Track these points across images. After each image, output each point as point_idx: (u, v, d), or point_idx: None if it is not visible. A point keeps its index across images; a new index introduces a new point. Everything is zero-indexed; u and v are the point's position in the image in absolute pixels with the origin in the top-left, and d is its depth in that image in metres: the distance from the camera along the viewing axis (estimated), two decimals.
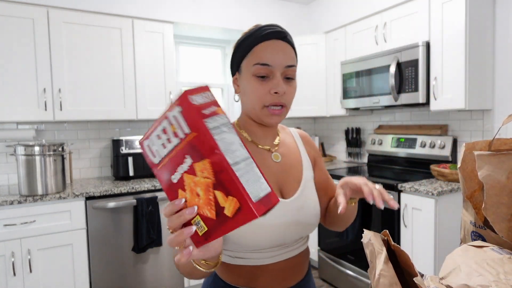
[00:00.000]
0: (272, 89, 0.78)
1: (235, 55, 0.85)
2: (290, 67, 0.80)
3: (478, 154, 0.70)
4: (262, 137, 0.88)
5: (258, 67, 0.78)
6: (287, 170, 0.87)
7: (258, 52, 0.79)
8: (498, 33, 2.18)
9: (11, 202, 1.97)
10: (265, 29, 0.81)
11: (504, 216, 0.67)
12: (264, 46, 0.79)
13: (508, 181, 0.66)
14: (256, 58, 0.79)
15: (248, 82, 0.80)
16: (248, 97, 0.81)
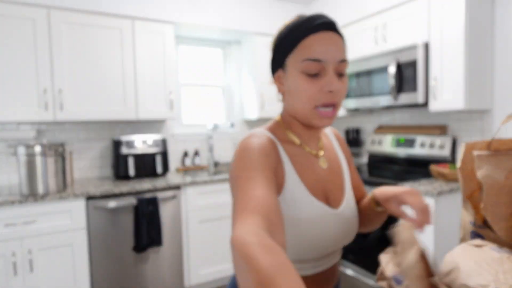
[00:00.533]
0: (325, 87, 0.70)
1: (277, 50, 0.75)
2: (343, 61, 0.71)
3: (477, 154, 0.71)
4: (308, 140, 0.80)
5: (309, 63, 0.69)
6: (332, 177, 0.81)
7: (308, 46, 0.70)
8: (498, 33, 2.19)
9: (12, 202, 1.98)
10: (313, 19, 0.71)
11: (503, 215, 0.68)
12: (315, 39, 0.70)
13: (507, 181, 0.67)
14: (306, 53, 0.70)
15: (296, 80, 0.71)
16: (296, 96, 0.72)
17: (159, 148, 2.73)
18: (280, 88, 0.77)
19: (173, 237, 2.48)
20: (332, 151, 0.87)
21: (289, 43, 0.72)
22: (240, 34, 3.20)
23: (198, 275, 2.59)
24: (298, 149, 0.78)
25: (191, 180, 2.55)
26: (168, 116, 2.77)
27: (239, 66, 3.45)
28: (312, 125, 0.74)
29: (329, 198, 0.78)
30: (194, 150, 3.20)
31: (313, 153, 0.80)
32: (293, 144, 0.78)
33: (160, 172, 2.71)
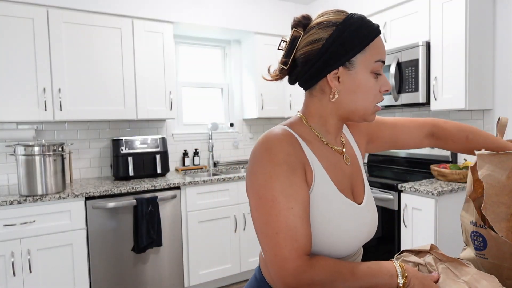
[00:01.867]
0: (383, 87, 0.74)
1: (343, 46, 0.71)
2: None
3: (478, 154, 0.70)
4: (335, 138, 0.80)
5: (379, 64, 0.73)
6: (355, 172, 0.82)
7: (379, 47, 0.73)
8: (498, 33, 2.18)
9: (11, 202, 1.97)
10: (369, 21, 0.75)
11: (504, 215, 0.67)
12: (380, 42, 0.74)
13: (508, 181, 0.66)
14: (378, 54, 0.73)
15: (367, 80, 0.72)
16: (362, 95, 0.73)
17: (159, 148, 2.73)
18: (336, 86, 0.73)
19: (173, 237, 2.48)
20: (350, 146, 0.87)
21: (361, 41, 0.71)
22: (240, 33, 3.19)
23: (198, 276, 2.58)
24: (324, 147, 0.78)
25: (191, 180, 2.55)
26: (168, 116, 2.76)
27: (239, 65, 3.45)
28: (366, 120, 0.78)
29: (354, 194, 0.79)
30: (194, 150, 3.20)
31: (338, 151, 0.80)
32: (319, 141, 0.78)
33: (159, 172, 2.71)
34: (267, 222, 0.65)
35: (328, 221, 0.70)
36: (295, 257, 0.62)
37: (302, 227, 0.64)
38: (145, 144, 2.69)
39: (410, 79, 2.29)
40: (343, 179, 0.77)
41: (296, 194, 0.66)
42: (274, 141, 0.69)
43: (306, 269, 0.62)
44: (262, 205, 0.66)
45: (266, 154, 0.68)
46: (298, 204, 0.65)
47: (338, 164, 0.78)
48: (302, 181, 0.68)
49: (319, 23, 0.74)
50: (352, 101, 0.74)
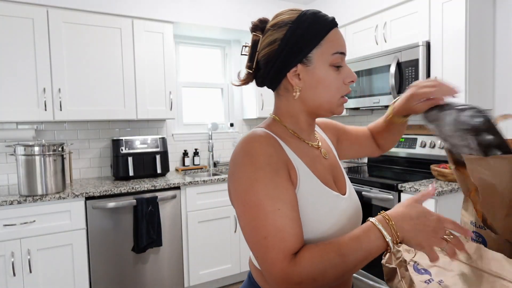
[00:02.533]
0: (347, 78, 0.74)
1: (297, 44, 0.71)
2: None
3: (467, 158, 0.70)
4: (309, 134, 0.81)
5: (338, 56, 0.72)
6: (335, 165, 0.84)
7: (335, 39, 0.73)
8: (498, 33, 2.18)
9: (11, 202, 1.97)
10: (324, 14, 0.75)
11: (499, 216, 0.68)
12: (337, 34, 0.74)
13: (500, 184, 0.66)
14: (335, 47, 0.72)
15: (326, 73, 0.72)
16: (324, 89, 0.73)
17: (159, 148, 2.73)
18: (297, 84, 0.74)
19: (173, 237, 2.48)
20: (324, 141, 0.89)
21: (314, 36, 0.72)
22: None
23: (198, 275, 2.58)
24: (302, 144, 0.78)
25: (191, 180, 2.55)
26: (168, 116, 2.76)
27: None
28: (333, 113, 0.78)
29: (338, 187, 0.81)
30: (194, 150, 3.20)
31: (315, 146, 0.81)
32: (296, 139, 0.78)
33: (159, 172, 2.71)
34: (255, 227, 0.64)
35: (319, 215, 0.70)
36: (282, 259, 0.61)
37: (291, 226, 0.64)
38: (145, 144, 2.69)
39: (410, 79, 2.29)
40: (324, 173, 0.78)
41: (282, 195, 0.65)
42: (253, 144, 0.69)
43: (293, 269, 0.60)
44: (248, 211, 0.65)
45: (247, 158, 0.67)
46: (285, 204, 0.65)
47: (318, 159, 0.79)
48: (286, 181, 0.67)
49: (274, 25, 0.76)
50: (316, 96, 0.74)
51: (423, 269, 0.62)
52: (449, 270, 0.60)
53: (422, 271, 0.62)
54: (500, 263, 0.58)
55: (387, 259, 0.69)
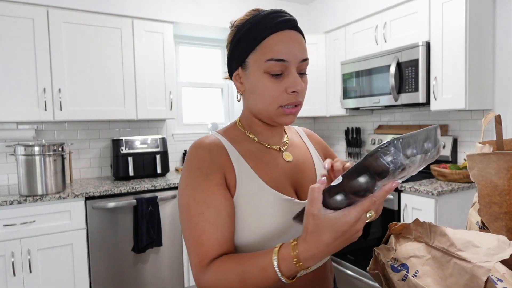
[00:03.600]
0: (290, 87, 0.69)
1: (236, 47, 0.72)
2: (305, 60, 0.71)
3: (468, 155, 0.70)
4: (270, 137, 0.80)
5: (273, 64, 0.68)
6: (301, 170, 0.80)
7: (271, 45, 0.68)
8: (498, 33, 2.18)
9: (11, 202, 1.97)
10: (275, 16, 0.69)
11: (497, 215, 0.68)
12: (277, 38, 0.68)
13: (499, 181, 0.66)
14: (269, 53, 0.68)
15: (259, 80, 0.70)
16: (259, 96, 0.71)
17: (159, 148, 2.73)
18: (239, 87, 0.75)
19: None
20: (302, 147, 0.87)
21: (251, 41, 0.70)
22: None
23: None
24: (256, 146, 0.78)
25: None
26: (168, 116, 2.76)
27: None
28: (277, 123, 0.75)
29: (299, 190, 0.78)
30: None
31: (275, 148, 0.80)
32: (250, 141, 0.78)
33: (160, 172, 2.71)
34: (184, 229, 0.67)
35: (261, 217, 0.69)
36: (196, 263, 0.64)
37: (210, 231, 0.65)
38: (145, 144, 2.69)
39: (410, 79, 2.29)
40: (278, 176, 0.75)
41: (207, 199, 0.66)
42: (191, 150, 0.72)
43: (201, 276, 0.63)
44: (180, 213, 0.69)
45: (184, 164, 0.72)
46: (209, 209, 0.66)
47: (273, 161, 0.77)
48: (216, 185, 0.67)
49: (231, 27, 0.77)
50: (254, 101, 0.73)
51: (400, 265, 0.61)
52: (421, 256, 0.59)
53: (399, 267, 0.61)
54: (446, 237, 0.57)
55: (371, 264, 0.68)
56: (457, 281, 0.51)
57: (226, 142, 0.75)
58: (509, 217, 0.66)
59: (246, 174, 0.72)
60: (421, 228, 0.62)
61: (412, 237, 0.64)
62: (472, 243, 0.53)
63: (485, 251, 0.51)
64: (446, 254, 0.55)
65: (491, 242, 0.52)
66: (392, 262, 0.63)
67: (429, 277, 0.55)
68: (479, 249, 0.52)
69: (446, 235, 0.57)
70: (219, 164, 0.70)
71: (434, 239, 0.59)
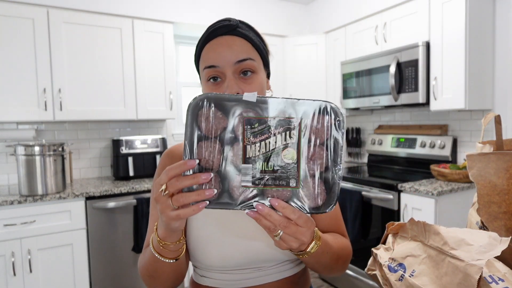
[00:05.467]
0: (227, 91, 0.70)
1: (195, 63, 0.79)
2: (243, 61, 0.70)
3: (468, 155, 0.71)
4: None
5: (207, 71, 0.71)
6: None
7: (204, 55, 0.72)
8: (498, 33, 2.19)
9: (11, 202, 1.97)
10: (210, 27, 0.73)
11: (496, 215, 0.68)
12: (210, 47, 0.71)
13: (498, 180, 0.67)
14: (204, 62, 0.72)
15: (205, 88, 0.73)
16: None
17: (159, 148, 2.73)
18: None
19: None
20: None
21: (196, 55, 0.76)
22: None
23: None
24: None
25: None
26: (168, 116, 2.76)
27: None
28: None
29: None
30: None
31: None
32: None
33: None
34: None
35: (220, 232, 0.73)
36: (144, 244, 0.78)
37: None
38: (145, 144, 2.69)
39: (409, 79, 2.29)
40: None
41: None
42: (161, 156, 0.82)
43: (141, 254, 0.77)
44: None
45: (156, 172, 0.80)
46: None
47: None
48: None
49: None
50: None
51: (398, 265, 0.61)
52: (418, 255, 0.60)
53: (396, 268, 0.61)
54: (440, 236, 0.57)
55: (369, 265, 0.68)
56: (451, 280, 0.51)
57: None
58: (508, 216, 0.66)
59: None
60: (416, 227, 0.63)
61: (409, 237, 0.64)
62: (464, 241, 0.53)
63: (477, 249, 0.51)
64: (441, 253, 0.55)
65: (483, 240, 0.52)
66: (390, 262, 0.63)
67: (425, 276, 0.55)
68: (471, 247, 0.52)
69: (440, 233, 0.57)
70: None
71: (429, 238, 0.59)
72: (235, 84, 0.69)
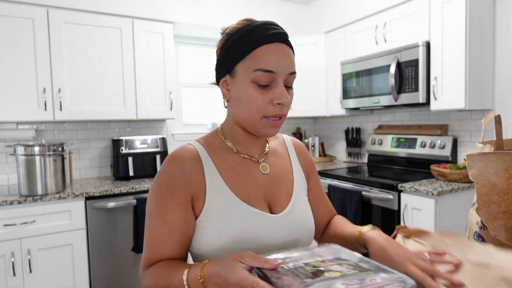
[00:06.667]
0: (276, 99, 0.70)
1: (226, 54, 0.73)
2: (292, 74, 0.72)
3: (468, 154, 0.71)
4: (250, 147, 0.80)
5: (261, 74, 0.69)
6: (276, 182, 0.80)
7: (261, 56, 0.69)
8: (498, 33, 2.18)
9: (11, 202, 1.97)
10: (267, 28, 0.71)
11: (495, 214, 0.68)
12: (268, 50, 0.69)
13: (498, 180, 0.67)
14: (259, 63, 0.69)
15: (246, 89, 0.70)
16: (244, 105, 0.72)
17: (159, 148, 2.73)
18: (226, 94, 0.76)
19: None
20: (283, 158, 0.86)
21: (241, 50, 0.71)
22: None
23: None
24: (232, 156, 0.78)
25: None
26: (168, 116, 2.76)
27: None
28: (260, 134, 0.75)
29: (272, 203, 0.77)
30: None
31: (252, 159, 0.80)
32: (228, 151, 0.79)
33: None
34: (145, 230, 0.74)
35: (229, 228, 0.70)
36: (142, 263, 0.74)
37: (160, 244, 0.71)
38: (145, 144, 2.69)
39: (410, 79, 2.29)
40: (251, 188, 0.76)
41: (166, 216, 0.71)
42: (165, 162, 0.75)
43: (143, 275, 0.73)
44: (146, 215, 0.75)
45: (157, 173, 0.75)
46: (165, 224, 0.71)
47: (248, 173, 0.78)
48: (178, 204, 0.71)
49: (222, 33, 0.78)
50: (239, 109, 0.74)
51: None
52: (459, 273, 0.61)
53: None
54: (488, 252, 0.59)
55: None
56: None
57: (203, 153, 0.76)
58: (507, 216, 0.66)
59: (218, 187, 0.74)
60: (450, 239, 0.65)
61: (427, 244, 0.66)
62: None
63: None
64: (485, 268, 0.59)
65: None
66: None
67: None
68: None
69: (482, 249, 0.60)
70: (188, 180, 0.72)
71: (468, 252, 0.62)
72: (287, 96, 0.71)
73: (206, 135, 0.83)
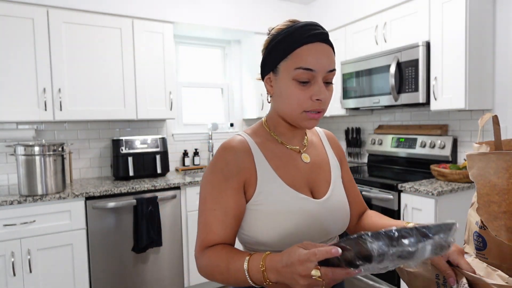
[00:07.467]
0: (314, 95, 0.75)
1: (270, 53, 0.80)
2: (332, 71, 0.77)
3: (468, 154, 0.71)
4: (291, 138, 0.87)
5: (301, 72, 0.74)
6: (316, 170, 0.87)
7: (302, 55, 0.74)
8: (498, 33, 2.18)
9: (11, 202, 1.97)
10: (308, 29, 0.76)
11: (496, 214, 0.68)
12: (308, 49, 0.75)
13: (498, 180, 0.66)
14: (299, 62, 0.74)
15: (287, 86, 0.77)
16: (286, 100, 0.78)
17: (159, 148, 2.73)
18: (269, 90, 0.83)
19: (173, 237, 2.48)
20: (320, 148, 0.93)
21: (284, 49, 0.77)
22: (239, 33, 3.19)
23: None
24: (278, 146, 0.85)
25: (191, 180, 2.55)
26: (168, 116, 2.76)
27: (238, 65, 3.45)
28: (301, 126, 0.82)
29: (314, 190, 0.84)
30: (194, 150, 3.20)
31: (295, 150, 0.87)
32: (273, 141, 0.86)
33: (159, 172, 2.71)
34: (199, 215, 0.80)
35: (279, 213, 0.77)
36: (198, 246, 0.78)
37: (215, 226, 0.76)
38: (145, 144, 2.69)
39: (410, 79, 2.29)
40: (296, 175, 0.83)
41: (222, 200, 0.77)
42: (219, 151, 0.80)
43: (199, 257, 0.77)
44: (199, 201, 0.80)
45: (211, 161, 0.81)
46: (221, 208, 0.76)
47: (292, 162, 0.84)
48: (232, 189, 0.77)
49: (268, 34, 0.84)
50: (281, 104, 0.80)
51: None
52: None
53: None
54: None
55: None
56: None
57: (253, 144, 0.83)
58: (508, 216, 0.66)
59: (267, 174, 0.80)
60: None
61: None
62: None
63: None
64: None
65: None
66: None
67: None
68: None
69: None
70: (241, 167, 0.78)
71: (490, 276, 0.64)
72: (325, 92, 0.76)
73: (253, 126, 0.89)
